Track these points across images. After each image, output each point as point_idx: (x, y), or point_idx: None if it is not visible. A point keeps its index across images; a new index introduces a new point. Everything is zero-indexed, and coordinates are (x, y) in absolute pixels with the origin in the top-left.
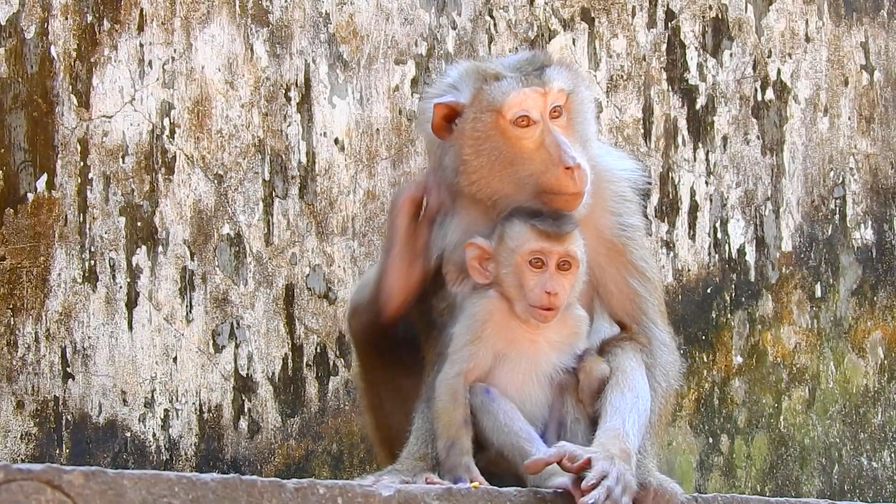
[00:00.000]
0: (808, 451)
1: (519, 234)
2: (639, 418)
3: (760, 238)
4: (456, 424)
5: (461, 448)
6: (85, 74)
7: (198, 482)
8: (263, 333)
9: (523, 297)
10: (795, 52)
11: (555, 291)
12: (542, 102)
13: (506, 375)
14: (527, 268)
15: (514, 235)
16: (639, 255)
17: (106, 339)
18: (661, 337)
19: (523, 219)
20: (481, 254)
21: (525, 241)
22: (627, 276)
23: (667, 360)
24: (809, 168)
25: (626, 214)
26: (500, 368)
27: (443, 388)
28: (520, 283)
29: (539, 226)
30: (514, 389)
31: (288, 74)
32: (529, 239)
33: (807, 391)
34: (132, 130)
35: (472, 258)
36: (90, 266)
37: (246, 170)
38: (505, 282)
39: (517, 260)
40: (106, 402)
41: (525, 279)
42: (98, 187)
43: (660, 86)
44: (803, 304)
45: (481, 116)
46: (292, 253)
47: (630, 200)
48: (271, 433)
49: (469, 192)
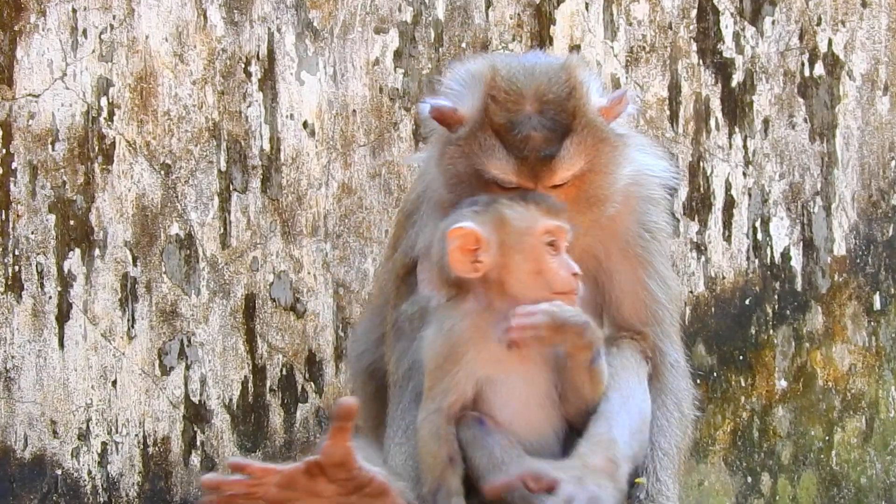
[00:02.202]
0: (864, 492)
1: (528, 212)
2: (630, 421)
3: (808, 240)
4: (441, 465)
5: (448, 490)
6: (7, 45)
7: None
8: (219, 352)
9: (542, 285)
10: (850, 20)
11: (578, 271)
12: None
13: (497, 403)
14: (544, 249)
15: (520, 216)
16: (660, 258)
17: (32, 358)
18: (672, 356)
19: (518, 199)
20: (469, 242)
21: (538, 220)
22: (646, 277)
23: (679, 386)
24: (866, 157)
25: (648, 214)
26: (489, 396)
27: (423, 428)
28: (537, 269)
29: (542, 203)
30: (509, 419)
31: (248, 45)
32: (541, 217)
33: (863, 421)
34: (63, 112)
35: (455, 248)
36: (14, 272)
37: (198, 158)
38: (514, 271)
39: (531, 243)
40: (32, 434)
41: (545, 262)
42: (23, 179)
43: (689, 59)
44: (859, 318)
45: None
46: (253, 257)
47: (654, 200)
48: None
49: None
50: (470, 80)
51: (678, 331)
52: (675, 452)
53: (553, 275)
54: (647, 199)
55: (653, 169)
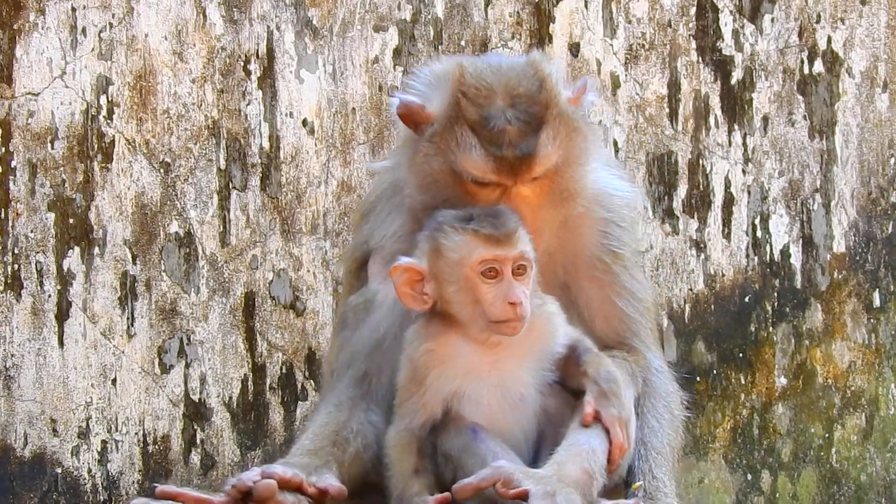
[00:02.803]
0: (864, 490)
1: (462, 244)
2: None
3: (808, 237)
4: (406, 475)
5: (411, 495)
6: (7, 44)
7: None
8: (219, 351)
9: (480, 315)
10: (849, 17)
11: (519, 300)
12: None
13: (470, 415)
14: (480, 280)
15: (455, 246)
16: (627, 275)
17: (32, 357)
18: (655, 363)
19: (457, 225)
20: (412, 276)
21: (472, 251)
22: (613, 297)
23: (667, 389)
24: (866, 154)
25: (613, 234)
26: (459, 410)
27: (392, 443)
28: (474, 300)
29: (483, 230)
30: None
31: (247, 44)
32: (477, 247)
33: (863, 419)
34: (63, 110)
35: (401, 284)
36: (13, 271)
37: (198, 157)
38: (453, 302)
39: (466, 273)
40: (32, 432)
41: (481, 294)
42: (22, 177)
43: (688, 56)
44: (859, 315)
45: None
46: (253, 255)
47: (619, 221)
48: (228, 468)
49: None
50: (437, 80)
51: (656, 338)
52: (668, 451)
53: (488, 305)
54: (609, 221)
55: (617, 189)
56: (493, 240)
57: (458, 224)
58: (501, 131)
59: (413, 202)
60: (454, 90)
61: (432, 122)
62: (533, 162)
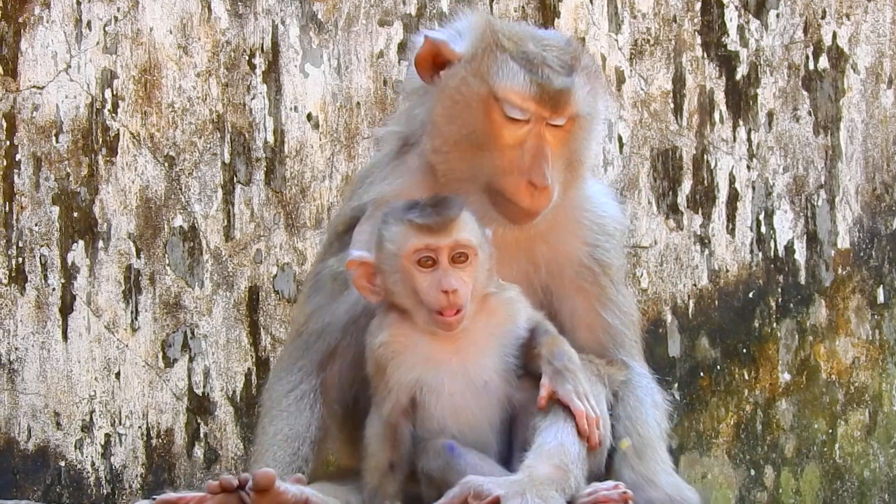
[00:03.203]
0: (867, 486)
1: (397, 234)
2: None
3: (812, 233)
4: (380, 471)
5: (384, 495)
6: (11, 38)
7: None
8: (223, 345)
9: (421, 305)
10: (854, 13)
11: (452, 288)
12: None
13: (434, 407)
14: (415, 269)
15: (392, 237)
16: (613, 288)
17: (36, 350)
18: (638, 370)
19: (397, 216)
20: (365, 269)
21: (406, 240)
22: (599, 308)
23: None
24: (870, 150)
25: (602, 246)
26: (424, 399)
27: (369, 433)
28: (412, 290)
29: (417, 220)
30: (448, 421)
31: (252, 38)
32: (411, 236)
33: (867, 415)
34: (67, 104)
35: (357, 277)
36: (17, 264)
37: (202, 151)
38: (396, 293)
39: (402, 263)
40: (36, 426)
41: (416, 283)
42: (27, 171)
43: (693, 52)
44: (863, 311)
45: (472, 81)
46: (257, 249)
47: (609, 234)
48: (231, 462)
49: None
50: (464, 27)
51: (640, 351)
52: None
53: (423, 294)
54: (599, 229)
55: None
56: (426, 229)
57: (398, 214)
58: (542, 63)
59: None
60: (486, 30)
61: (459, 59)
62: (570, 97)
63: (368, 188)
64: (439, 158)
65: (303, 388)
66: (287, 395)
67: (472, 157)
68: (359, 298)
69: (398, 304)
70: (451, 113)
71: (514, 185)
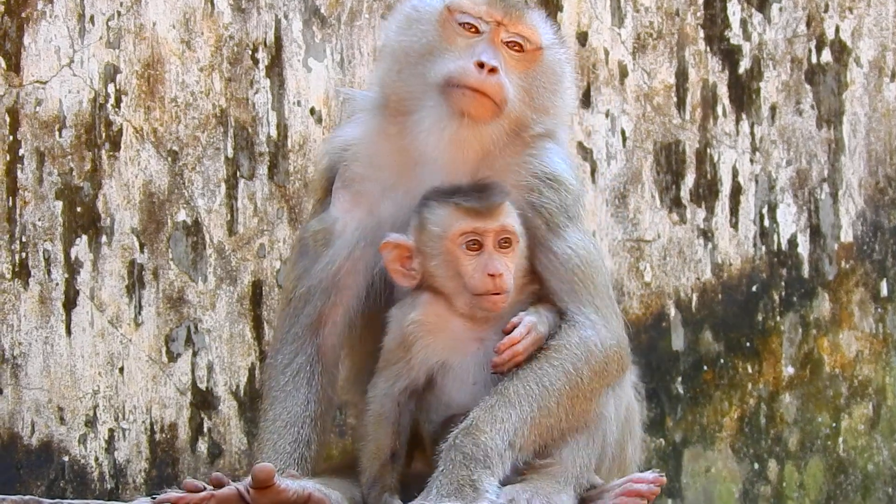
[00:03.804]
0: (871, 479)
1: (444, 216)
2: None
3: (815, 226)
4: (381, 457)
5: (383, 486)
6: (15, 32)
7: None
8: (226, 339)
9: (463, 288)
10: (857, 6)
11: (499, 272)
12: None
13: (453, 390)
14: (462, 253)
15: (437, 220)
16: (552, 234)
17: (40, 345)
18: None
19: (443, 199)
20: (401, 252)
21: (454, 223)
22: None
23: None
24: (874, 143)
25: (539, 191)
26: (444, 382)
27: (372, 409)
28: (456, 273)
29: (465, 203)
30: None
31: (255, 32)
32: (458, 219)
33: (870, 408)
34: (70, 98)
35: (391, 260)
36: (21, 259)
37: (205, 145)
38: (437, 275)
39: (447, 246)
40: (40, 421)
41: (462, 266)
42: (30, 166)
43: (696, 46)
44: (866, 304)
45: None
46: (260, 244)
47: (549, 184)
48: (235, 457)
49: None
50: None
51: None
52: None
53: (468, 277)
54: (539, 176)
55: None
56: (474, 212)
57: (441, 198)
58: None
59: (380, 80)
60: None
61: None
62: (523, 12)
63: (330, 142)
64: (391, 78)
65: (299, 362)
66: (284, 371)
67: (425, 65)
68: (336, 254)
69: (436, 286)
70: (406, 27)
71: (463, 67)
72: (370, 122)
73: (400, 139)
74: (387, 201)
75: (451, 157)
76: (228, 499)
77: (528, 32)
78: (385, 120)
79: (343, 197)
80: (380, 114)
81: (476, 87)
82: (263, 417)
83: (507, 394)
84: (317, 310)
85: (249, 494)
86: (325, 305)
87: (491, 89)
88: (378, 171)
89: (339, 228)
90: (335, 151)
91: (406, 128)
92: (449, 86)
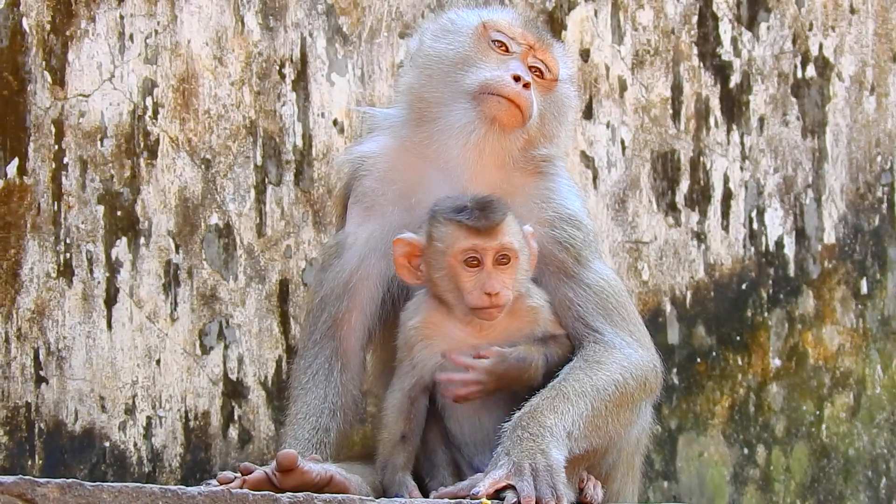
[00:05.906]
0: (852, 463)
1: (447, 233)
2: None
3: (800, 229)
4: (392, 442)
5: (395, 466)
6: (60, 49)
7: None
8: (255, 333)
9: (461, 300)
10: (839, 25)
11: (495, 291)
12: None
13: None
14: (462, 269)
15: (442, 236)
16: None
17: (83, 339)
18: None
19: (448, 215)
20: (411, 250)
21: (455, 241)
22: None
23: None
24: (854, 152)
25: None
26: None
27: (388, 404)
28: (456, 286)
29: (467, 221)
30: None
31: (282, 49)
32: (459, 237)
33: (851, 397)
34: (111, 110)
35: (400, 256)
36: (65, 259)
37: (236, 154)
38: (440, 285)
39: (450, 262)
40: (83, 409)
41: (461, 281)
42: (74, 173)
43: (690, 62)
44: (848, 301)
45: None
46: (287, 245)
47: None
48: (264, 442)
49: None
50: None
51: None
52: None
53: (467, 293)
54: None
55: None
56: (476, 231)
57: (448, 214)
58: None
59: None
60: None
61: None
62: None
63: (346, 160)
64: (422, 83)
65: (318, 362)
66: (305, 372)
67: (458, 73)
68: (346, 263)
69: (439, 294)
70: (442, 36)
71: (500, 77)
72: (388, 136)
73: (423, 148)
74: (398, 211)
75: (471, 163)
76: (259, 482)
77: (551, 62)
78: (407, 130)
79: (356, 211)
80: (401, 126)
81: (511, 97)
82: (288, 413)
83: (565, 390)
84: (332, 316)
85: (276, 477)
86: (339, 311)
87: (524, 102)
88: (391, 185)
89: (350, 241)
90: (350, 169)
91: (430, 134)
92: (483, 93)
